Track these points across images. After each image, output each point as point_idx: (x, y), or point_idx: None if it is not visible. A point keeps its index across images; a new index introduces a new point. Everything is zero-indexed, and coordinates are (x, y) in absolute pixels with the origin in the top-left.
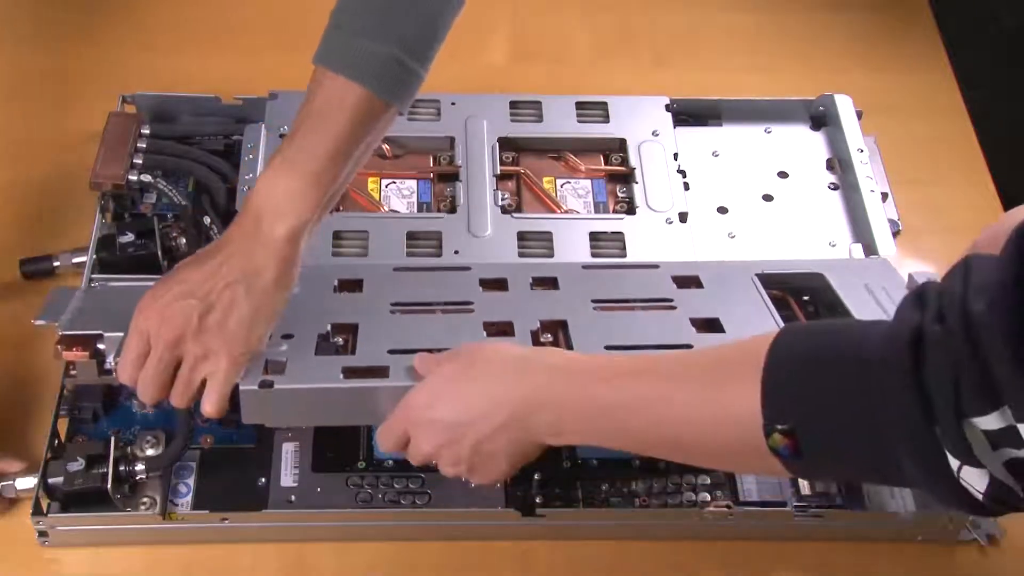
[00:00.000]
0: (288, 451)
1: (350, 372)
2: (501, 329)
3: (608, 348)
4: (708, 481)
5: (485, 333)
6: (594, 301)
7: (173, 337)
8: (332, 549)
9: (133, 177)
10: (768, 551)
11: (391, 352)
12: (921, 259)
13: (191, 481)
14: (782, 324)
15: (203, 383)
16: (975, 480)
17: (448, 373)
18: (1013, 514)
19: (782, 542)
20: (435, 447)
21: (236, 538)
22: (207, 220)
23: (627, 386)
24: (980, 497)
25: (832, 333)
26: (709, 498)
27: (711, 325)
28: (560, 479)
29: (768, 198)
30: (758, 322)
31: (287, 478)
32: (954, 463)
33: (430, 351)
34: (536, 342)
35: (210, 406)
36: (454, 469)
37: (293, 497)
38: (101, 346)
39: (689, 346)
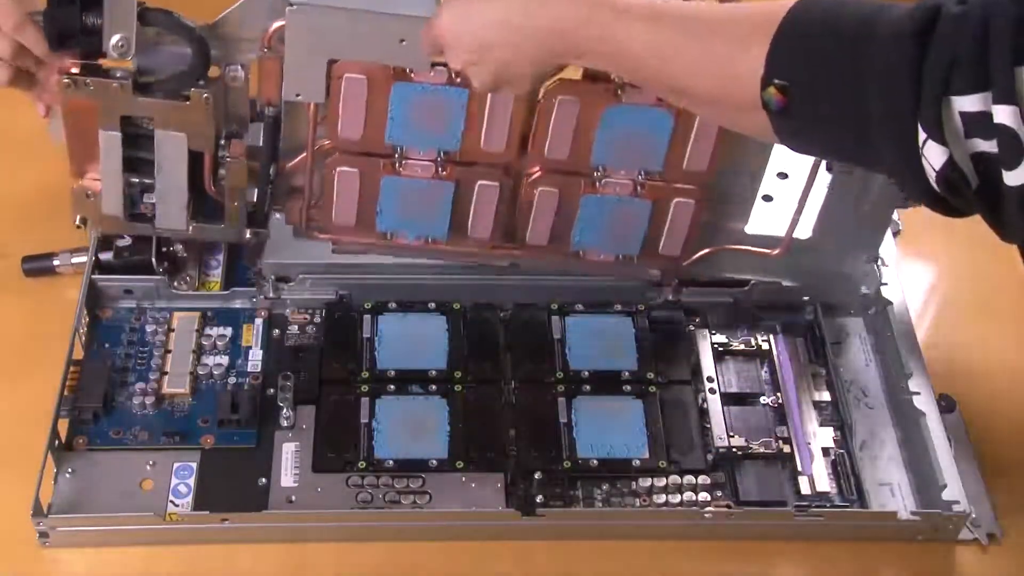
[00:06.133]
0: (288, 451)
1: None
2: None
3: None
4: (708, 481)
5: None
6: None
7: None
8: (332, 549)
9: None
10: (768, 551)
11: None
12: (921, 259)
13: (191, 481)
14: None
15: None
16: (934, 157)
17: None
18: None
19: (782, 542)
20: (462, 65)
21: (236, 538)
22: None
23: (644, 32)
24: (933, 175)
25: (856, 2)
26: (709, 498)
27: None
28: (560, 479)
29: (768, 198)
30: None
31: (287, 478)
32: (922, 135)
33: None
34: None
35: None
36: (480, 85)
37: (293, 497)
38: None
39: None
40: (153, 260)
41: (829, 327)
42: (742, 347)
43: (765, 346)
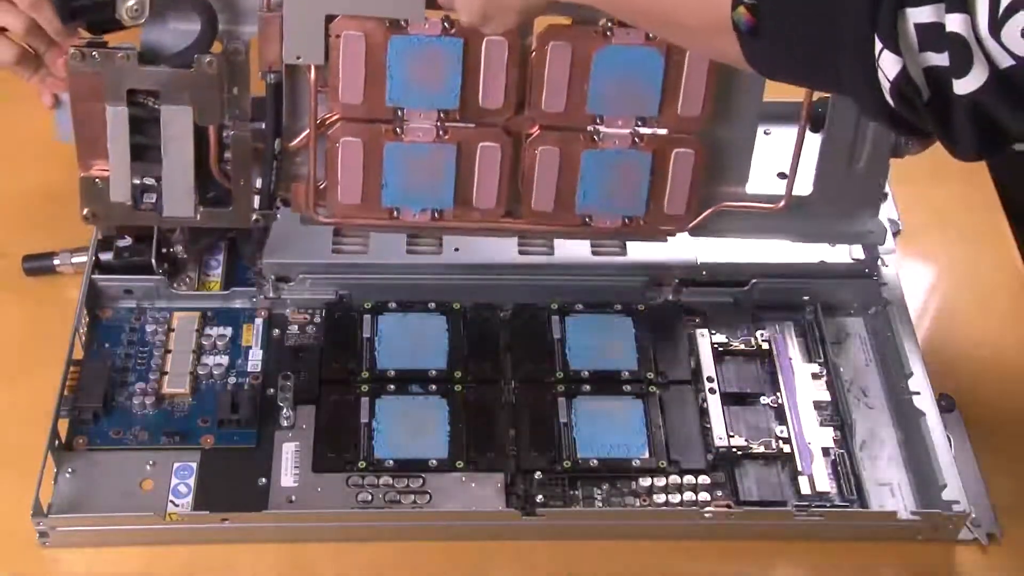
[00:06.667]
0: (288, 451)
1: None
2: None
3: None
4: (708, 481)
5: None
6: None
7: None
8: (332, 549)
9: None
10: (768, 551)
11: None
12: (921, 259)
13: (191, 481)
14: None
15: None
16: (889, 67)
17: None
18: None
19: (782, 542)
20: None
21: (236, 538)
22: None
23: None
24: (888, 87)
25: None
26: (709, 498)
27: None
28: (560, 479)
29: None
30: None
31: (287, 478)
32: (878, 45)
33: None
34: None
35: None
36: (468, 17)
37: (293, 497)
38: None
39: None
40: (153, 260)
41: (829, 327)
42: (742, 347)
43: (765, 346)
